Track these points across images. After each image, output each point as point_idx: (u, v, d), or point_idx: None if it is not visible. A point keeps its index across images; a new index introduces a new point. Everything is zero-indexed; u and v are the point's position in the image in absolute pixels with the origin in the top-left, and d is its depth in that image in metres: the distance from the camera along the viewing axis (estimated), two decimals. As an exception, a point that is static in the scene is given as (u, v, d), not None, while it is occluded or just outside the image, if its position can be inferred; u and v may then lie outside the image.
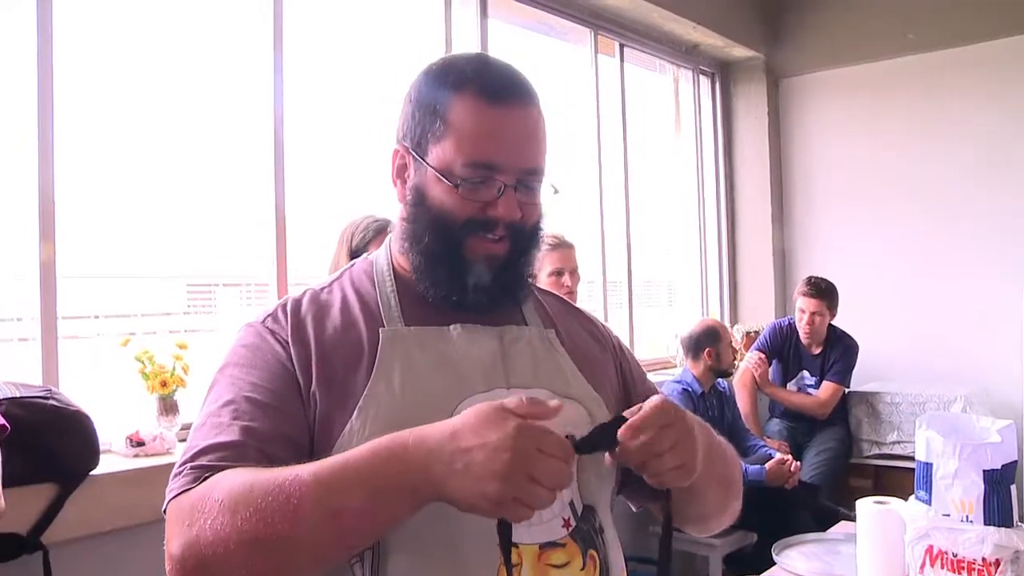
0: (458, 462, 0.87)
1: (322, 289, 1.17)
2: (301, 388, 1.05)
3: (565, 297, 1.40)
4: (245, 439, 0.99)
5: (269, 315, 1.12)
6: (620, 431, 0.97)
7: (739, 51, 5.09)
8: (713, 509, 1.24)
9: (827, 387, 4.30)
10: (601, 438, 0.98)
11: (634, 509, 1.32)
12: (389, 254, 1.18)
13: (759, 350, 4.43)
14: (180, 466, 1.00)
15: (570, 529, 1.06)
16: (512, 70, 1.13)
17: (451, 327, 1.11)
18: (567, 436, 0.94)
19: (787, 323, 4.44)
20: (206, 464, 0.97)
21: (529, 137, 1.11)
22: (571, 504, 1.08)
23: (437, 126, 1.08)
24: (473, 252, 1.09)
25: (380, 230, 2.40)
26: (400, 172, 1.13)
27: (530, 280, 1.19)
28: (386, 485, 0.89)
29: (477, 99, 1.07)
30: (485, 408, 0.90)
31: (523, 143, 1.10)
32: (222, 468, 0.96)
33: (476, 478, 0.86)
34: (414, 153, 1.11)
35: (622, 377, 1.27)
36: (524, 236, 1.12)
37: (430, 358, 1.08)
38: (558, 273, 2.85)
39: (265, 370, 1.06)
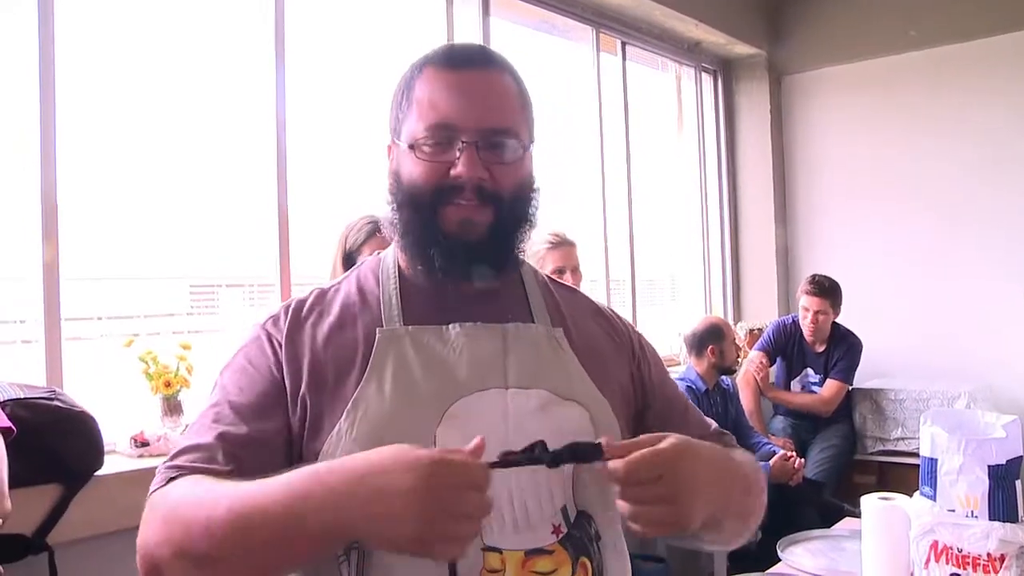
0: (372, 506, 0.84)
1: (330, 288, 1.17)
2: (288, 393, 1.05)
3: None
4: (219, 443, 1.01)
5: (272, 316, 1.13)
6: (611, 465, 0.94)
7: (741, 48, 5.08)
8: (730, 538, 1.21)
9: (831, 385, 4.29)
10: (576, 453, 0.95)
11: None
12: (396, 251, 1.17)
13: (762, 349, 4.43)
14: (163, 464, 1.03)
15: (560, 536, 1.04)
16: (478, 45, 1.17)
17: (450, 326, 1.09)
18: (534, 444, 0.93)
19: (791, 321, 4.43)
20: (180, 464, 1.01)
21: (490, 95, 1.08)
22: (563, 510, 1.05)
23: (404, 106, 1.10)
24: (448, 221, 1.06)
25: (372, 232, 2.39)
26: (394, 130, 1.14)
27: (520, 254, 1.15)
28: (296, 528, 0.87)
29: (436, 68, 1.09)
30: (394, 449, 0.87)
31: (482, 101, 1.07)
32: (193, 469, 1.00)
33: (393, 521, 0.83)
34: (392, 140, 1.13)
35: (639, 378, 1.22)
36: (505, 203, 1.08)
37: (424, 358, 1.06)
38: (559, 272, 2.84)
39: (254, 375, 1.07)
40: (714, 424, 1.30)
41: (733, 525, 1.15)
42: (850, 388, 4.38)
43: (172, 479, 0.99)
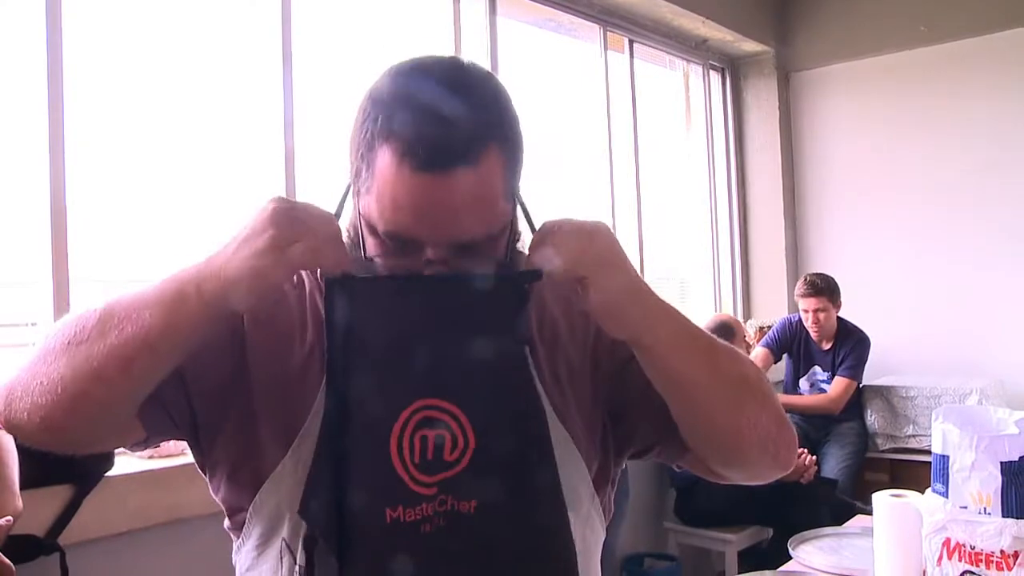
0: (231, 246, 0.89)
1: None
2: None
3: None
4: None
5: None
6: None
7: (749, 45, 5.07)
8: (725, 418, 1.01)
9: (838, 382, 4.27)
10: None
11: (676, 468, 1.16)
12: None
13: (766, 345, 4.42)
14: None
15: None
16: (454, 129, 0.89)
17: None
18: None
19: (796, 319, 4.42)
20: None
21: (462, 208, 0.90)
22: None
23: (365, 172, 0.93)
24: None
25: None
26: (356, 177, 0.97)
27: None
28: (176, 293, 0.90)
29: (400, 161, 0.89)
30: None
31: (453, 215, 0.90)
32: None
33: (248, 242, 0.87)
34: (354, 187, 0.99)
35: (596, 360, 1.11)
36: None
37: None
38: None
39: None
40: None
41: (723, 396, 1.00)
42: (860, 385, 4.36)
43: None
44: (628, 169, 4.48)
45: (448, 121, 0.89)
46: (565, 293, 1.00)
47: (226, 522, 1.09)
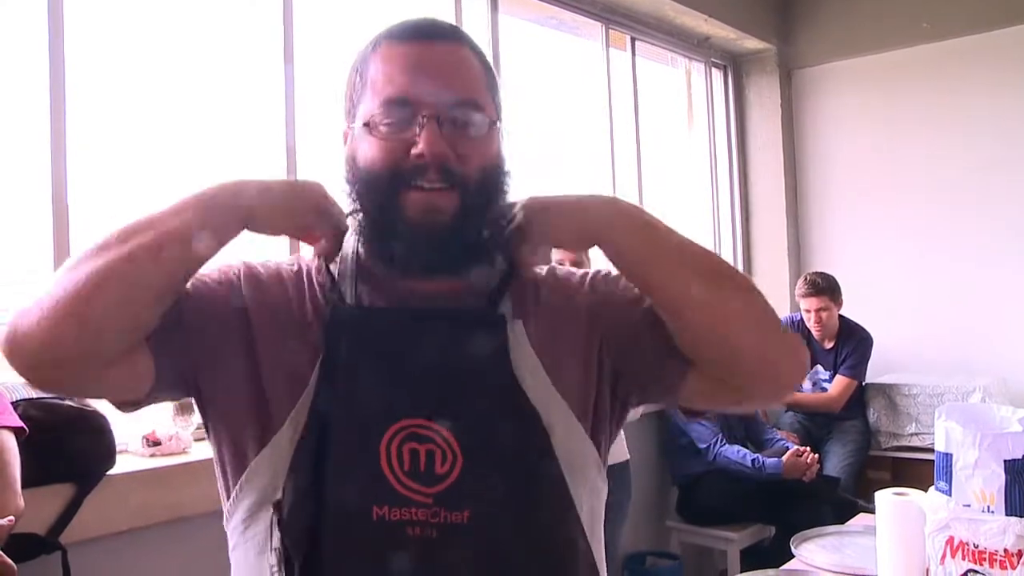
0: (259, 187, 0.98)
1: (288, 264, 1.12)
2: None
3: None
4: None
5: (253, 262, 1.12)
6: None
7: (751, 43, 5.06)
8: (700, 295, 0.99)
9: (839, 381, 4.26)
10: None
11: (682, 415, 1.16)
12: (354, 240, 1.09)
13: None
14: None
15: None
16: (435, 19, 1.05)
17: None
18: None
19: (798, 318, 4.40)
20: None
21: (449, 66, 1.00)
22: None
23: (358, 86, 1.03)
24: (411, 208, 0.98)
25: None
26: (349, 118, 1.06)
27: (488, 242, 1.03)
28: (203, 204, 0.97)
29: (390, 43, 1.02)
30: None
31: (441, 72, 0.99)
32: None
33: (275, 195, 0.99)
34: (347, 125, 1.06)
35: (602, 331, 1.09)
36: (472, 186, 0.99)
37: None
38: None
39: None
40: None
41: (690, 275, 1.00)
42: (862, 383, 4.35)
43: None
44: (630, 167, 4.47)
45: (431, 20, 1.05)
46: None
47: (223, 495, 1.07)
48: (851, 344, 4.29)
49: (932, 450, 1.48)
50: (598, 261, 1.11)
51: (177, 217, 0.94)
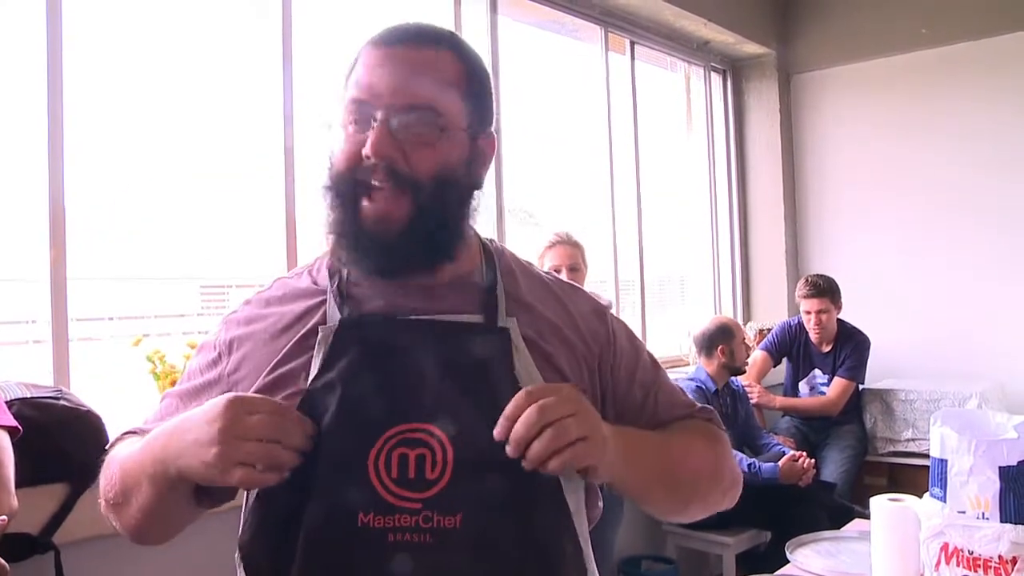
0: (186, 437, 0.95)
1: (292, 275, 1.17)
2: (221, 383, 1.11)
3: None
4: (151, 426, 1.11)
5: (232, 312, 1.16)
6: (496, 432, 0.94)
7: (750, 48, 5.06)
8: (668, 508, 1.22)
9: (838, 383, 4.26)
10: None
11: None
12: None
13: (766, 348, 4.41)
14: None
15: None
16: (424, 24, 1.08)
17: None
18: None
19: (796, 322, 4.41)
20: (128, 430, 1.18)
21: (405, 70, 1.01)
22: None
23: (343, 89, 1.07)
24: (365, 215, 1.01)
25: None
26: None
27: (448, 244, 1.06)
28: (151, 467, 1.00)
29: (368, 47, 1.05)
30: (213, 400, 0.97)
31: (397, 76, 1.01)
32: (132, 432, 1.16)
33: (198, 447, 0.93)
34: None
35: (598, 373, 1.14)
36: (424, 191, 1.00)
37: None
38: (555, 271, 2.85)
39: (200, 364, 1.15)
40: (693, 403, 1.27)
41: (664, 496, 1.15)
42: (860, 387, 4.35)
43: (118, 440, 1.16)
44: (629, 170, 4.47)
45: (418, 25, 1.07)
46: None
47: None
48: (849, 347, 4.29)
49: (928, 456, 1.48)
50: (598, 262, 1.13)
51: (142, 487, 1.03)
